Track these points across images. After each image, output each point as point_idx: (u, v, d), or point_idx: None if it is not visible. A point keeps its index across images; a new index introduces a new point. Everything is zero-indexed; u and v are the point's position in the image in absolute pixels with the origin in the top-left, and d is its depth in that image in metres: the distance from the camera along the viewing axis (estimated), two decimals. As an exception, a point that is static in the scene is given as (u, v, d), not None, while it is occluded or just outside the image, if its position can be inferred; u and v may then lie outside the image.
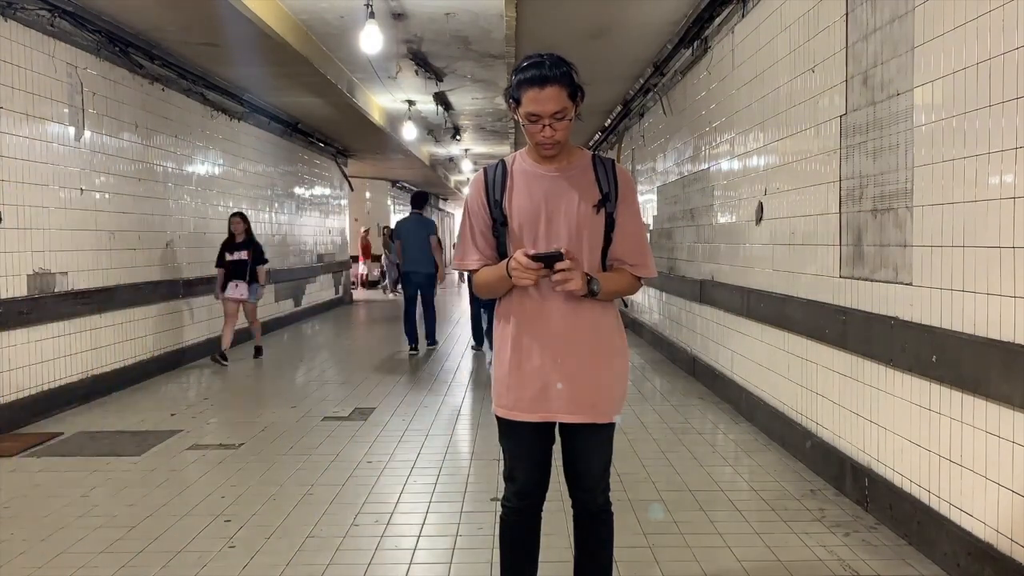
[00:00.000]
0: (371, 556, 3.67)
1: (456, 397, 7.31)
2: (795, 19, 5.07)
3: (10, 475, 4.99)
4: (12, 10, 6.18)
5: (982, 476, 3.16)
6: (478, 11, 8.12)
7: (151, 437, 5.85)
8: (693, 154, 8.02)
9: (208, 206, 10.16)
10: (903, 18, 3.71)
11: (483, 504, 4.33)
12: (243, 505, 4.36)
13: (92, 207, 7.31)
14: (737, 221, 6.47)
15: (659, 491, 4.52)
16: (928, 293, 3.52)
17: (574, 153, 2.62)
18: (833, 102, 4.51)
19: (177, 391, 7.76)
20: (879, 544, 3.72)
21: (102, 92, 7.52)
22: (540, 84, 2.40)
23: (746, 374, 6.20)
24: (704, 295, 7.48)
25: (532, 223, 2.54)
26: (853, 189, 4.29)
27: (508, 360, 2.59)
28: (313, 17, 8.21)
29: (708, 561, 3.56)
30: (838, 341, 4.42)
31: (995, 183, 3.05)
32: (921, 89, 3.58)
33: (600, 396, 2.57)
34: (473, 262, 2.64)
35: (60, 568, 3.56)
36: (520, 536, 2.71)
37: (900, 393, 3.77)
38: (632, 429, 5.85)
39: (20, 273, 6.26)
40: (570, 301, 2.53)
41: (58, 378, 6.73)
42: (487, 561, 3.57)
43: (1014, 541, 2.98)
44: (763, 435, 5.67)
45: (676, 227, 8.92)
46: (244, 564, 3.59)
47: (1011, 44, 2.94)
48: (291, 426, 6.17)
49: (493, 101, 12.78)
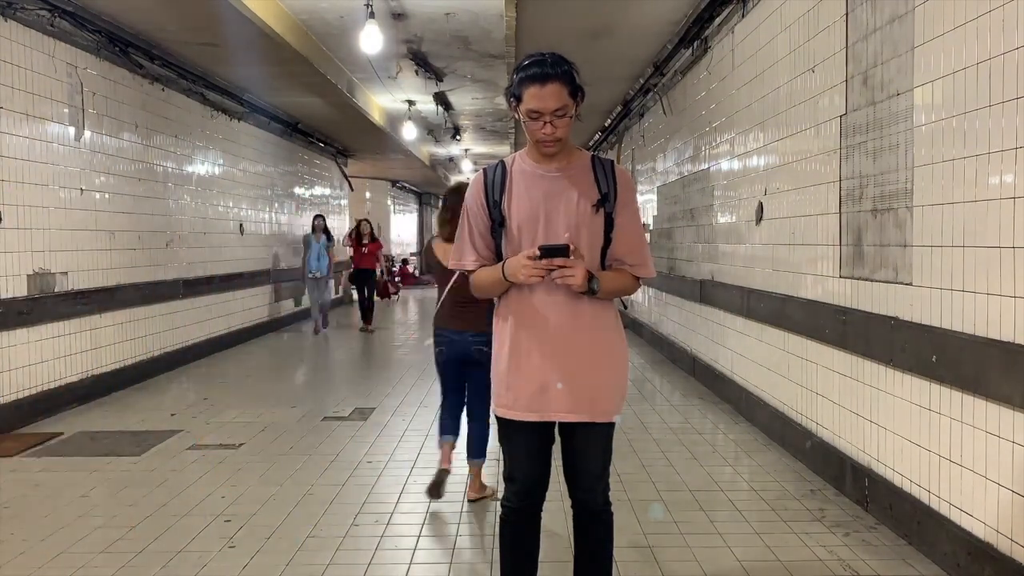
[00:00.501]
0: (371, 556, 3.67)
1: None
2: (795, 19, 5.07)
3: (10, 475, 4.99)
4: (12, 10, 6.18)
5: (982, 476, 3.16)
6: (478, 11, 8.12)
7: (151, 437, 5.85)
8: (693, 154, 8.02)
9: (208, 206, 10.16)
10: (903, 18, 3.71)
11: (483, 504, 4.33)
12: (243, 505, 4.36)
13: (92, 207, 7.31)
14: (737, 221, 6.47)
15: (659, 491, 4.52)
16: (928, 293, 3.52)
17: (574, 153, 2.62)
18: (833, 102, 4.51)
19: (177, 391, 7.76)
20: (879, 544, 3.72)
21: (102, 92, 7.52)
22: (542, 81, 2.41)
23: (746, 374, 6.20)
24: (704, 295, 7.48)
25: (531, 223, 2.54)
26: (853, 189, 4.29)
27: (507, 359, 2.59)
28: (313, 17, 8.21)
29: (708, 561, 3.56)
30: (838, 341, 4.42)
31: (995, 183, 3.05)
32: (921, 89, 3.58)
33: (599, 395, 2.57)
34: (471, 263, 2.64)
35: (60, 568, 3.56)
36: (520, 536, 2.71)
37: (900, 393, 3.77)
38: (632, 429, 5.85)
39: (20, 273, 6.26)
40: (569, 300, 2.53)
41: (58, 378, 6.73)
42: (487, 561, 3.57)
43: (1014, 541, 2.98)
44: (763, 435, 5.67)
45: (676, 227, 8.92)
46: (244, 564, 3.59)
47: (1011, 44, 2.94)
48: (291, 426, 6.17)
49: (493, 101, 12.78)
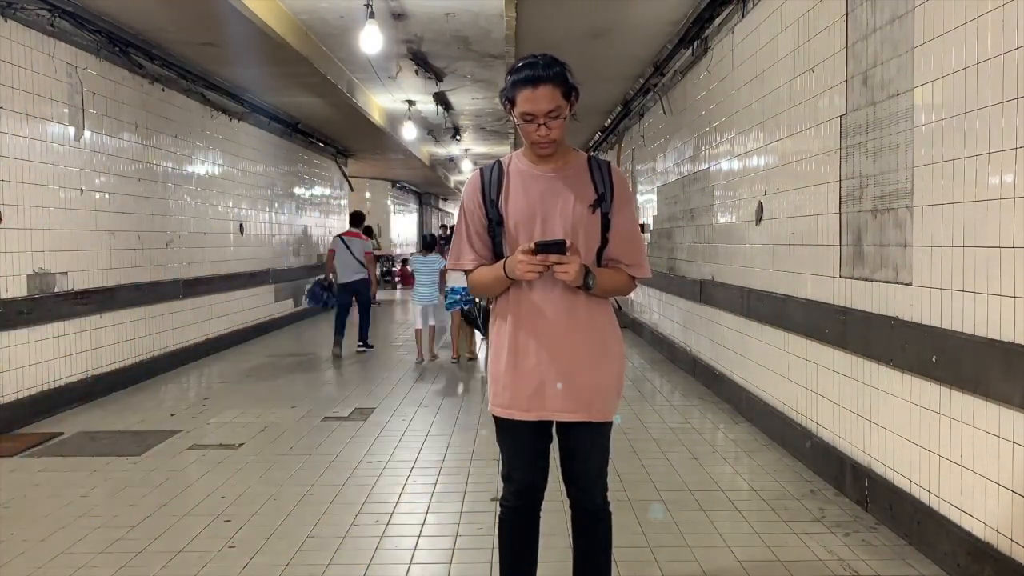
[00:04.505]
0: (371, 556, 3.67)
1: (456, 397, 7.31)
2: (795, 19, 5.07)
3: (10, 475, 4.99)
4: (12, 10, 6.18)
5: (982, 476, 3.16)
6: (478, 11, 8.12)
7: (151, 437, 5.85)
8: (693, 154, 8.02)
9: (208, 206, 10.16)
10: (903, 18, 3.71)
11: (483, 504, 4.33)
12: (243, 505, 4.37)
13: (92, 207, 7.31)
14: (737, 221, 6.46)
15: (659, 491, 4.52)
16: (928, 293, 3.52)
17: (570, 154, 2.63)
18: (833, 102, 4.51)
19: (177, 391, 7.76)
20: (879, 544, 3.72)
21: (102, 92, 7.52)
22: (533, 84, 2.42)
23: (746, 374, 6.20)
24: (704, 295, 7.48)
25: (528, 223, 2.55)
26: (853, 189, 4.29)
27: (505, 359, 2.59)
28: (313, 17, 8.21)
29: (708, 561, 3.56)
30: (838, 341, 4.42)
31: (995, 183, 3.05)
32: (921, 89, 3.58)
33: (597, 394, 2.57)
34: (469, 262, 2.65)
35: (60, 568, 3.56)
36: (519, 536, 2.71)
37: (900, 393, 3.77)
38: (632, 429, 5.85)
39: (20, 273, 6.26)
40: (567, 300, 2.54)
41: (58, 378, 6.73)
42: (487, 561, 3.57)
43: (1014, 541, 2.98)
44: (763, 435, 5.67)
45: (676, 227, 8.92)
46: (244, 564, 3.59)
47: (1011, 44, 2.94)
48: (291, 426, 6.17)
49: (493, 101, 12.77)
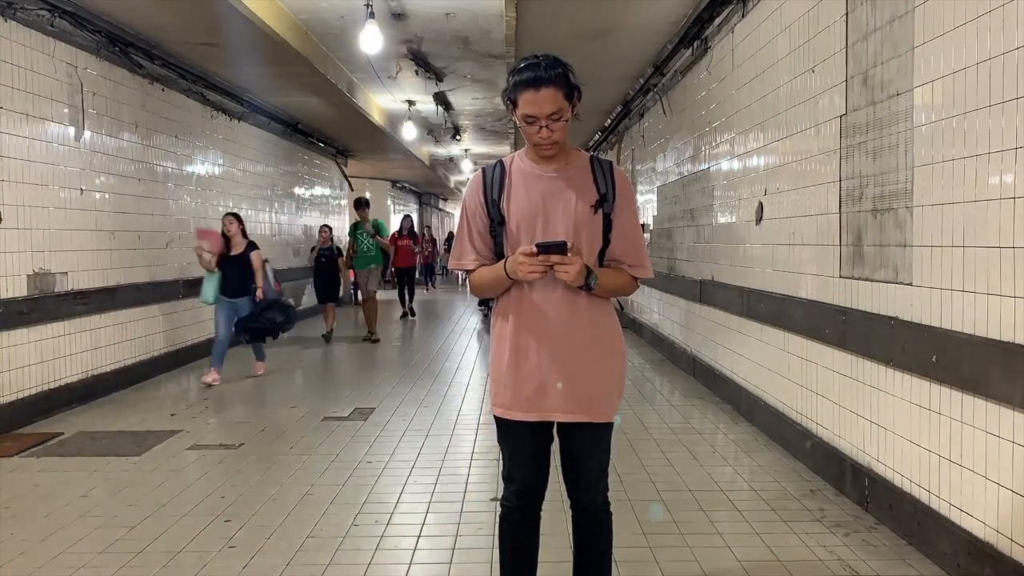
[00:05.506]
0: (371, 556, 3.67)
1: (456, 397, 7.31)
2: (795, 19, 5.07)
3: (10, 475, 4.99)
4: (12, 10, 6.18)
5: (982, 476, 3.16)
6: (478, 11, 8.12)
7: (151, 437, 5.85)
8: (693, 154, 8.02)
9: (208, 206, 10.16)
10: (903, 18, 3.71)
11: (483, 504, 4.33)
12: (243, 505, 4.36)
13: (92, 207, 7.31)
14: (737, 221, 6.46)
15: (659, 491, 4.52)
16: (928, 293, 3.52)
17: (572, 154, 2.62)
18: (833, 102, 4.51)
19: (177, 391, 7.76)
20: (879, 544, 3.72)
21: (102, 92, 7.52)
22: (535, 86, 2.40)
23: (746, 374, 6.20)
24: (704, 295, 7.48)
25: (530, 223, 2.55)
26: (853, 189, 4.29)
27: (506, 359, 2.59)
28: (313, 17, 8.21)
29: (708, 561, 3.56)
30: (838, 341, 4.42)
31: (995, 183, 3.05)
32: (921, 89, 3.58)
33: (598, 395, 2.57)
34: (470, 262, 2.65)
35: (60, 568, 3.56)
36: (519, 536, 2.71)
37: (900, 393, 3.77)
38: (632, 429, 5.85)
39: (20, 273, 6.26)
40: (568, 300, 2.53)
41: (58, 378, 6.73)
42: (487, 561, 3.57)
43: (1014, 541, 2.98)
44: (763, 435, 5.66)
45: (676, 227, 8.92)
46: (244, 564, 3.59)
47: (1011, 44, 2.94)
48: (291, 426, 6.17)
49: (493, 101, 12.78)
